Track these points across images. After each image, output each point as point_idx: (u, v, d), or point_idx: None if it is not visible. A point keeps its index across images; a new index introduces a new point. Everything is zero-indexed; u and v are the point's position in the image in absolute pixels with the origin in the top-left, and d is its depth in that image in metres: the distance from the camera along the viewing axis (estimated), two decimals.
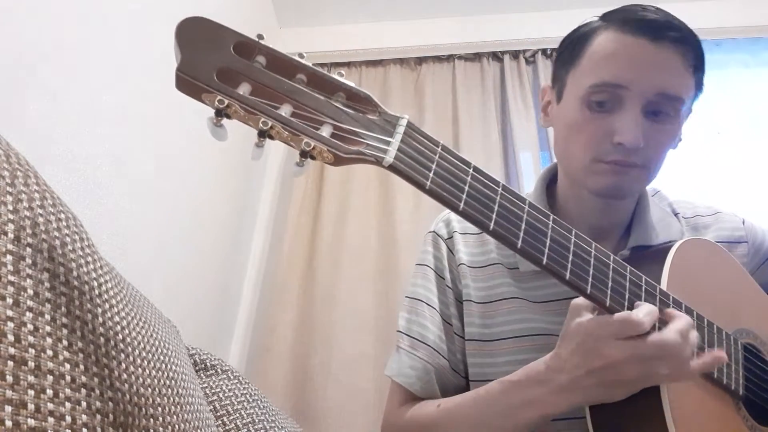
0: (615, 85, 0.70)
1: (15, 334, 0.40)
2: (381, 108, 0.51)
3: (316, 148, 0.47)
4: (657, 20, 0.71)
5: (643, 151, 0.70)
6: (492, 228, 0.53)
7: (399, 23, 2.05)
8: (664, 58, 0.70)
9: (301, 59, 0.49)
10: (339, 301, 1.62)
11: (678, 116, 0.73)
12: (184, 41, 0.46)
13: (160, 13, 1.25)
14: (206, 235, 1.48)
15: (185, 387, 0.62)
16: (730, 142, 1.80)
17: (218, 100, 0.45)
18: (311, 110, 0.48)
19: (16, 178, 0.47)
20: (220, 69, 0.46)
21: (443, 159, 0.52)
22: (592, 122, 0.72)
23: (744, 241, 0.84)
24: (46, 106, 0.90)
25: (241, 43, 0.48)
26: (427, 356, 0.79)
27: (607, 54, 0.72)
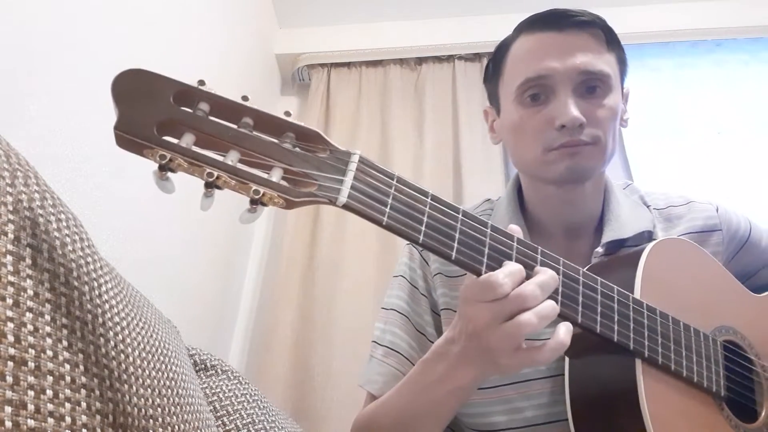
0: (538, 77, 0.75)
1: (15, 335, 0.40)
2: (332, 145, 0.50)
3: (266, 194, 0.46)
4: (557, 12, 0.77)
5: (588, 128, 0.73)
6: (455, 257, 0.52)
7: (399, 23, 2.05)
8: (574, 40, 0.75)
9: (245, 102, 0.48)
10: (339, 301, 1.62)
11: (611, 90, 0.76)
12: (121, 97, 0.44)
13: (160, 12, 1.25)
14: (206, 236, 1.48)
15: (185, 387, 0.62)
16: (731, 142, 1.80)
17: (159, 155, 0.43)
18: (259, 155, 0.46)
19: (16, 178, 0.47)
20: (161, 122, 0.44)
21: (399, 192, 0.51)
22: (532, 117, 0.76)
23: (718, 230, 0.83)
24: (46, 106, 0.90)
25: (182, 92, 0.46)
26: (397, 364, 0.79)
27: (523, 54, 0.78)
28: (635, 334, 0.60)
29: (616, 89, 0.78)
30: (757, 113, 1.84)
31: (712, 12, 1.94)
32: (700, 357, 0.65)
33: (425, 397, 0.64)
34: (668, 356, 0.62)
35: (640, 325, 0.61)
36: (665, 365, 0.61)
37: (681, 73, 1.93)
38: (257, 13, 1.91)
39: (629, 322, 0.60)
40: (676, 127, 1.86)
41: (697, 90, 1.90)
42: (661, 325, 0.63)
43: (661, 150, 1.82)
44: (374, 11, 2.03)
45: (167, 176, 0.44)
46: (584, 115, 0.72)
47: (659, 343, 0.61)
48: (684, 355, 0.63)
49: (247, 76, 1.80)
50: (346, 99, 1.97)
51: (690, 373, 0.63)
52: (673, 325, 0.64)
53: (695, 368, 0.64)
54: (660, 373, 0.61)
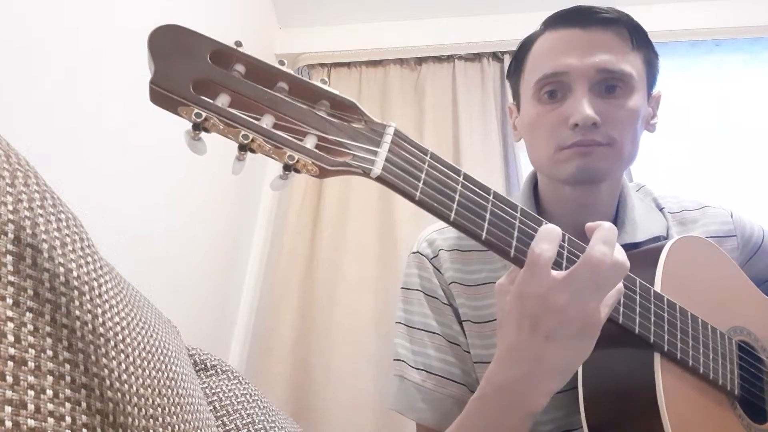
0: (556, 74, 0.74)
1: (15, 335, 0.40)
2: (367, 116, 0.49)
3: (300, 161, 0.45)
4: (582, 9, 0.75)
5: (603, 128, 0.71)
6: (485, 237, 0.51)
7: (399, 23, 2.05)
8: (597, 38, 0.73)
9: (282, 66, 0.47)
10: (339, 301, 1.62)
11: (633, 91, 0.74)
12: (158, 52, 0.43)
13: (160, 12, 1.25)
14: (207, 235, 1.48)
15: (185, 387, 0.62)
16: (730, 142, 1.80)
17: (195, 113, 0.42)
18: (294, 121, 0.46)
19: (16, 178, 0.47)
20: (197, 80, 0.43)
21: (432, 168, 0.51)
22: (547, 114, 0.75)
23: (733, 235, 0.83)
24: (46, 106, 0.90)
25: (219, 52, 0.45)
26: (438, 386, 0.76)
27: (544, 51, 0.77)
28: (656, 327, 0.60)
29: (639, 91, 0.75)
30: (757, 113, 1.84)
31: (712, 12, 1.94)
32: (716, 355, 0.65)
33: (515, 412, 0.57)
34: (687, 351, 0.61)
35: (660, 318, 0.61)
36: (683, 360, 0.61)
37: (681, 73, 1.94)
38: (257, 13, 1.92)
39: (650, 315, 0.60)
40: (676, 127, 1.86)
41: (697, 90, 1.90)
42: (680, 321, 0.63)
43: (661, 150, 1.82)
44: (374, 11, 2.03)
45: (200, 136, 0.44)
46: (600, 115, 0.71)
47: (678, 338, 0.61)
48: (701, 351, 0.63)
49: None
50: None
51: (707, 369, 0.63)
52: (691, 321, 0.64)
53: (711, 365, 0.64)
54: (677, 368, 0.61)
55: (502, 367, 0.56)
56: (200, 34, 0.45)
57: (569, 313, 0.50)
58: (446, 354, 0.78)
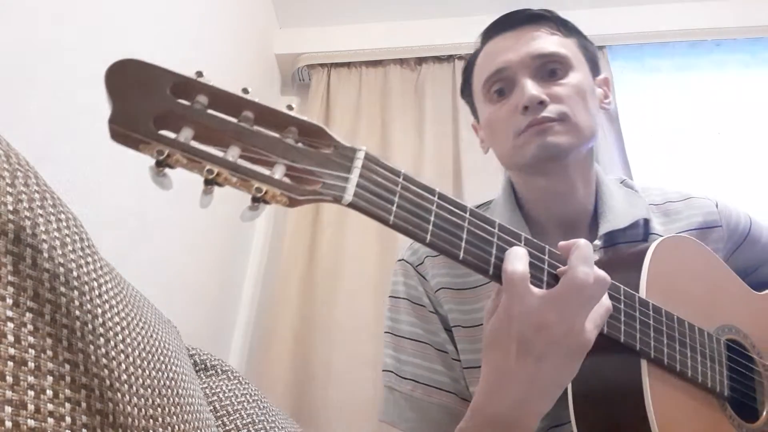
0: (498, 71, 0.79)
1: (15, 335, 0.40)
2: (336, 141, 0.48)
3: (269, 192, 0.44)
4: (508, 14, 0.83)
5: (552, 107, 0.74)
6: (462, 257, 0.51)
7: (399, 23, 2.05)
8: (526, 33, 0.80)
9: (246, 94, 0.46)
10: (339, 301, 1.62)
11: (572, 70, 0.78)
12: (115, 89, 0.42)
13: (160, 13, 1.25)
14: (206, 235, 1.48)
15: (185, 387, 0.62)
16: (730, 143, 1.80)
17: (157, 150, 0.41)
18: (261, 151, 0.44)
19: (16, 179, 0.47)
20: (158, 115, 0.42)
21: (406, 189, 0.50)
22: (500, 109, 0.79)
23: (719, 225, 0.82)
24: (46, 106, 0.90)
25: (179, 84, 0.44)
26: (426, 395, 0.76)
27: (484, 59, 0.83)
28: (641, 334, 0.60)
29: (579, 69, 0.79)
30: (757, 114, 1.84)
31: (712, 12, 1.94)
32: (704, 357, 0.65)
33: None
34: (674, 356, 0.61)
35: (645, 326, 0.60)
36: (671, 366, 0.61)
37: (681, 74, 1.93)
38: (257, 13, 1.92)
39: (635, 322, 0.60)
40: (676, 127, 1.86)
41: (697, 90, 1.90)
42: (666, 326, 0.62)
43: (661, 150, 1.82)
44: (375, 11, 2.03)
45: (164, 172, 0.42)
46: (547, 95, 0.74)
47: (665, 344, 0.61)
48: (689, 355, 0.63)
49: (247, 76, 1.80)
50: (346, 99, 1.97)
51: (695, 373, 0.63)
52: (678, 325, 0.63)
53: (699, 368, 0.64)
54: (665, 373, 0.61)
55: (492, 396, 0.55)
56: (159, 66, 0.44)
57: (557, 331, 0.50)
58: (434, 363, 0.78)
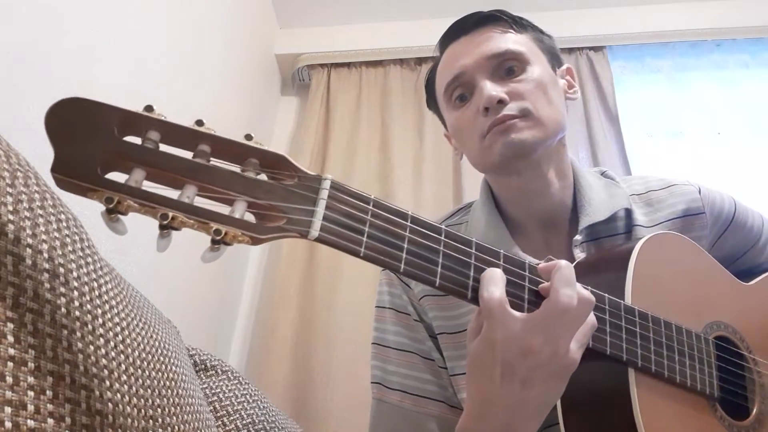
0: (456, 77, 0.79)
1: (15, 335, 0.40)
2: (300, 170, 0.45)
3: (229, 233, 0.41)
4: (460, 20, 0.83)
5: (512, 104, 0.74)
6: (439, 283, 0.49)
7: (399, 23, 2.05)
8: (478, 35, 0.80)
9: (200, 127, 0.42)
10: (339, 301, 1.62)
11: (529, 64, 0.78)
12: (57, 133, 0.39)
13: (160, 13, 1.25)
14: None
15: (185, 388, 0.62)
16: (730, 142, 1.80)
17: (106, 198, 0.38)
18: (219, 189, 0.41)
19: (16, 179, 0.47)
20: (105, 158, 0.39)
21: (376, 217, 0.47)
22: (463, 114, 0.79)
23: (702, 212, 0.81)
24: (46, 106, 0.90)
25: (126, 121, 0.41)
26: (416, 405, 0.76)
27: (443, 67, 0.84)
28: (628, 344, 0.59)
29: (537, 63, 0.79)
30: (757, 114, 1.84)
31: (712, 12, 1.94)
32: (693, 360, 0.64)
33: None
34: (661, 363, 0.61)
35: (632, 334, 0.60)
36: (658, 372, 0.60)
37: (681, 74, 1.93)
38: (257, 13, 1.91)
39: (621, 332, 0.59)
40: (676, 127, 1.86)
41: (697, 90, 1.90)
42: (653, 332, 0.62)
43: (661, 150, 1.82)
44: (374, 11, 2.03)
45: (118, 218, 0.40)
46: (506, 93, 0.74)
47: (652, 351, 0.61)
48: (677, 360, 0.63)
49: (247, 76, 1.80)
50: (346, 99, 1.97)
51: (683, 377, 0.63)
52: (665, 329, 0.63)
53: (688, 372, 0.63)
54: (653, 380, 0.61)
55: (479, 421, 0.54)
56: (104, 104, 0.40)
57: (542, 355, 0.49)
58: (422, 372, 0.77)
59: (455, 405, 0.76)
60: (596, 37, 1.93)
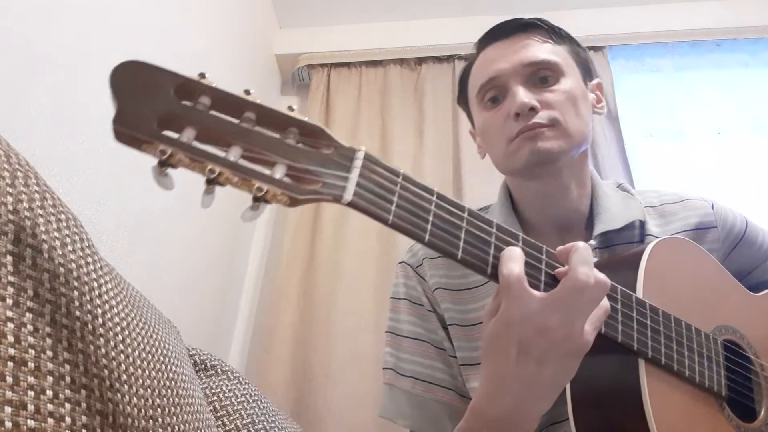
0: (491, 79, 0.81)
1: (15, 335, 0.40)
2: (336, 141, 0.49)
3: (269, 191, 0.44)
4: (502, 23, 0.85)
5: (543, 112, 0.76)
6: (460, 257, 0.51)
7: (399, 23, 2.05)
8: (518, 42, 0.82)
9: (248, 96, 0.46)
10: (339, 301, 1.62)
11: (564, 76, 0.80)
12: (120, 90, 0.43)
13: (160, 13, 1.25)
14: (206, 235, 1.48)
15: (185, 387, 0.62)
16: (730, 142, 1.80)
17: (159, 150, 0.42)
18: (262, 151, 0.45)
19: (16, 179, 0.47)
20: (162, 116, 0.43)
21: (405, 189, 0.50)
22: (493, 116, 0.81)
23: (714, 226, 0.83)
24: (46, 106, 0.90)
25: (182, 86, 0.45)
26: (426, 391, 0.77)
27: (478, 68, 0.85)
28: (639, 334, 0.60)
29: (571, 75, 0.81)
30: (757, 114, 1.84)
31: (712, 12, 1.93)
32: (702, 357, 0.65)
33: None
34: (671, 356, 0.61)
35: (643, 325, 0.61)
36: (668, 365, 0.61)
37: (681, 74, 1.93)
38: (257, 13, 1.91)
39: (632, 322, 0.60)
40: (676, 127, 1.86)
41: (697, 90, 1.90)
42: (663, 326, 0.62)
43: (661, 150, 1.81)
44: (375, 11, 2.03)
45: (166, 172, 0.43)
46: (538, 101, 0.76)
47: (662, 344, 0.61)
48: (686, 355, 0.63)
49: (247, 76, 1.80)
50: (346, 99, 1.97)
51: (692, 373, 0.63)
52: (675, 325, 0.64)
53: (697, 368, 0.64)
54: (663, 373, 0.61)
55: (492, 398, 0.55)
56: (163, 68, 0.45)
57: (558, 334, 0.50)
58: (433, 360, 0.79)
59: (464, 395, 0.78)
60: (596, 36, 1.93)
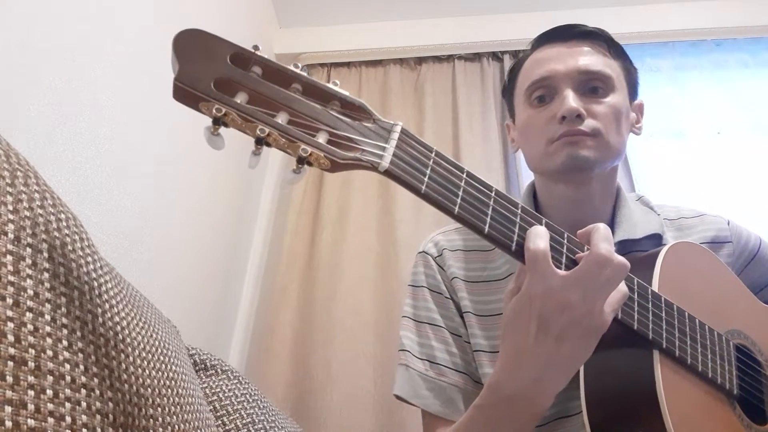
0: (543, 78, 0.82)
1: (15, 335, 0.40)
2: (376, 116, 0.53)
3: (313, 154, 0.48)
4: (563, 26, 0.86)
5: (588, 121, 0.77)
6: (487, 231, 0.54)
7: (399, 23, 2.05)
8: (576, 47, 0.83)
9: (296, 69, 0.51)
10: (339, 301, 1.62)
11: (613, 90, 0.81)
12: (182, 52, 0.47)
13: (161, 13, 1.25)
14: (206, 235, 1.48)
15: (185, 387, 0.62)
16: (730, 142, 1.80)
17: (216, 108, 0.45)
18: (307, 118, 0.49)
19: (16, 178, 0.47)
20: (217, 79, 0.47)
21: (437, 164, 0.53)
22: (538, 114, 0.82)
23: (729, 242, 0.85)
24: (46, 106, 0.90)
25: (238, 54, 0.49)
26: (440, 375, 0.80)
27: (532, 65, 0.86)
28: (654, 325, 0.61)
29: (620, 91, 0.82)
30: (757, 113, 1.83)
31: (712, 12, 1.94)
32: (714, 355, 0.65)
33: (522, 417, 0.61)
34: (685, 350, 0.62)
35: (658, 317, 0.61)
36: (682, 358, 0.61)
37: (681, 73, 1.93)
38: (257, 13, 1.92)
39: (648, 313, 0.61)
40: (676, 127, 1.86)
41: (697, 90, 1.90)
42: (678, 320, 0.63)
43: (661, 150, 1.81)
44: (374, 11, 2.03)
45: (219, 132, 0.47)
46: (585, 109, 0.78)
47: (676, 337, 0.62)
48: (699, 350, 0.64)
49: None
50: None
51: (705, 368, 0.63)
52: (689, 321, 0.64)
53: (710, 364, 0.64)
54: (676, 365, 0.62)
55: (510, 374, 0.58)
56: (221, 38, 0.49)
57: (578, 312, 0.52)
58: (449, 345, 0.82)
59: (478, 380, 0.81)
60: None
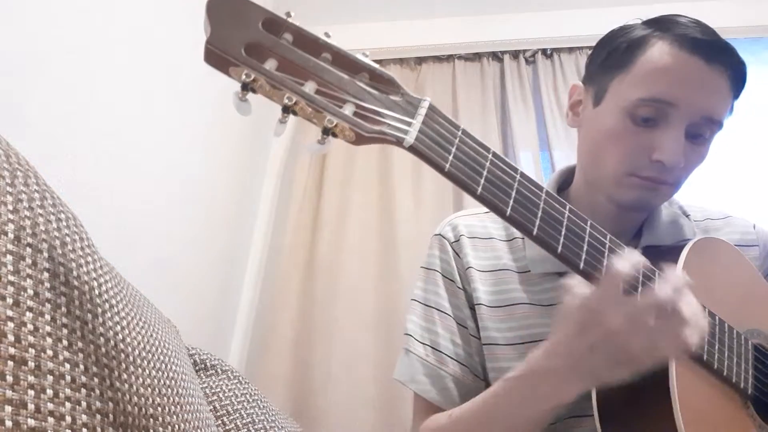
0: (664, 102, 0.70)
1: (15, 334, 0.40)
2: (404, 90, 0.51)
3: (339, 125, 0.47)
4: (712, 41, 0.72)
5: (677, 170, 0.71)
6: (509, 214, 0.53)
7: (399, 23, 2.04)
8: (714, 80, 0.71)
9: (327, 38, 0.50)
10: (339, 300, 1.62)
11: (711, 141, 0.77)
12: (214, 16, 0.47)
13: (160, 12, 1.25)
14: (206, 235, 1.48)
15: (185, 387, 0.62)
16: (730, 142, 1.80)
17: (245, 73, 0.45)
18: (335, 88, 0.48)
19: (16, 178, 0.47)
20: (248, 44, 0.47)
21: (463, 143, 0.52)
22: (634, 135, 0.71)
23: (755, 245, 0.83)
24: (46, 106, 0.90)
25: (269, 20, 0.49)
26: (440, 363, 0.79)
27: (660, 68, 0.71)
28: None
29: (713, 140, 0.77)
30: (757, 114, 1.83)
31: (712, 12, 1.93)
32: (732, 353, 0.65)
33: (520, 417, 0.64)
34: (701, 346, 0.61)
35: None
36: (698, 354, 0.61)
37: None
38: None
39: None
40: None
41: None
42: None
43: None
44: (374, 11, 2.03)
45: (247, 97, 0.47)
46: (684, 158, 0.71)
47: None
48: (717, 348, 0.63)
49: None
50: None
51: (720, 366, 0.63)
52: (708, 318, 0.64)
53: (726, 362, 0.64)
54: (691, 361, 0.61)
55: (544, 355, 0.60)
56: (254, 3, 0.49)
57: (617, 338, 0.52)
58: (454, 335, 0.80)
59: (478, 374, 0.79)
60: (597, 36, 1.91)
